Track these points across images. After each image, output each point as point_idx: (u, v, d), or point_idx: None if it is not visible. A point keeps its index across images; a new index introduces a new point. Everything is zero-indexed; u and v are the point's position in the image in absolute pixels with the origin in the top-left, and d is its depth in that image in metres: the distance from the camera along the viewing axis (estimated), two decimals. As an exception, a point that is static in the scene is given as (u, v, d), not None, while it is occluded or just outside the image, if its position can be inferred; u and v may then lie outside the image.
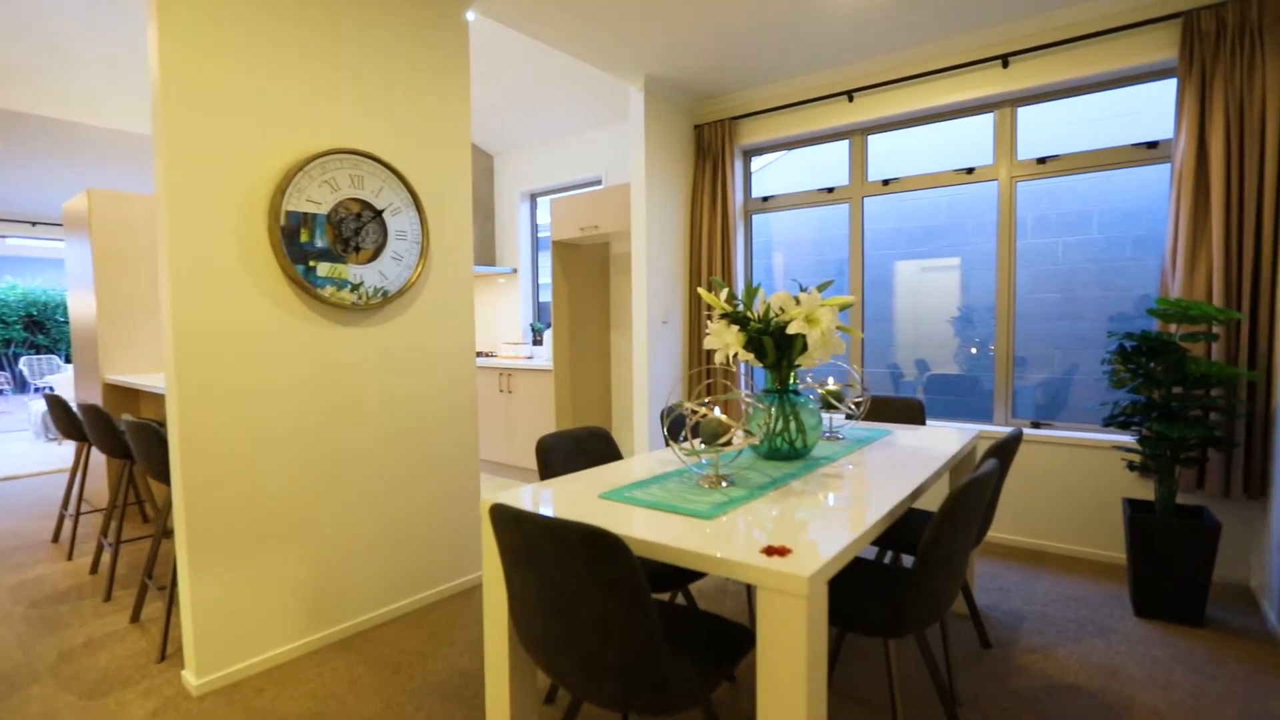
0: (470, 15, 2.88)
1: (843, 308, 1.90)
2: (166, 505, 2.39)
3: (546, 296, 5.48)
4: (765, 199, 4.19)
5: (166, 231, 1.91)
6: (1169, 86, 2.90)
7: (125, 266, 3.75)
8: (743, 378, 4.23)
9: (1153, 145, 2.95)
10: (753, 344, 1.95)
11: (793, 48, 3.37)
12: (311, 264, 2.20)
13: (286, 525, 2.20)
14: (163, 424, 2.32)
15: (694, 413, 1.82)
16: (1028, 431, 3.25)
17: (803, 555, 1.17)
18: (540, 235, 5.51)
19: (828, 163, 4.05)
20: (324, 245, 2.23)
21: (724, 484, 1.68)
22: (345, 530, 2.36)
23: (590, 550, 1.06)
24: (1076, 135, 3.17)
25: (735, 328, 1.95)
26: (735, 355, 1.96)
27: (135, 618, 2.54)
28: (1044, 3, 2.91)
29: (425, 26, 2.55)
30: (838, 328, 1.94)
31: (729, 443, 1.67)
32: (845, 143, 3.87)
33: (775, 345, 1.95)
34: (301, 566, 2.24)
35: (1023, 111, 3.28)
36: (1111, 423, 2.50)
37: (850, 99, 3.65)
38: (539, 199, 5.48)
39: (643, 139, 3.82)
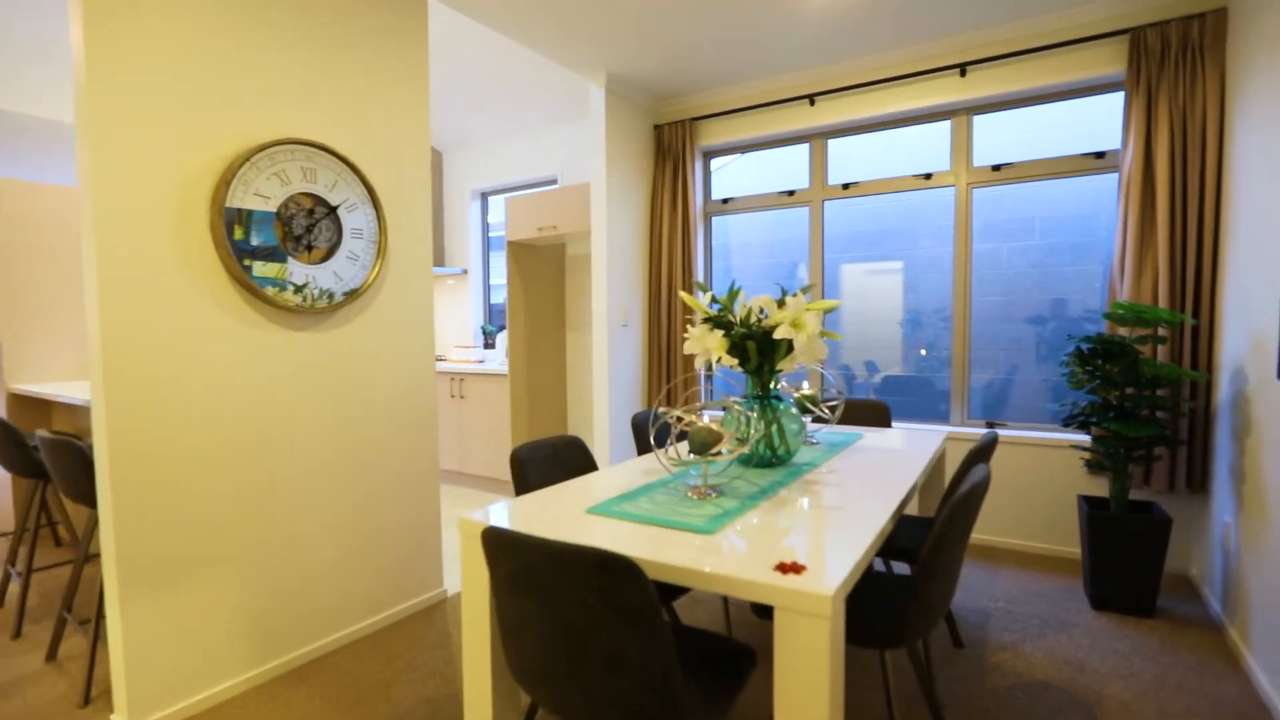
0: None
1: (827, 311, 1.87)
2: (89, 529, 2.15)
3: (498, 298, 5.31)
4: (725, 201, 4.18)
5: (92, 227, 1.71)
6: (1117, 99, 3.03)
7: (33, 264, 3.40)
8: (703, 383, 4.20)
9: (1100, 155, 3.07)
10: (735, 349, 1.91)
11: (756, 50, 3.36)
12: (258, 263, 2.02)
13: (230, 547, 2.01)
14: (82, 438, 2.09)
15: (679, 420, 1.76)
16: (974, 431, 3.34)
17: (819, 571, 1.12)
18: (492, 235, 5.35)
19: (782, 165, 4.07)
20: (273, 243, 2.05)
21: (710, 494, 1.63)
22: (295, 550, 2.18)
23: (603, 576, 0.97)
24: (1028, 144, 3.28)
25: (718, 332, 1.89)
26: (718, 360, 1.90)
27: (52, 656, 2.28)
28: (1000, 15, 2.99)
29: (383, 12, 2.39)
30: (820, 332, 1.91)
31: (719, 452, 1.61)
32: (805, 146, 3.89)
33: (758, 350, 1.91)
34: (247, 591, 2.06)
35: (978, 120, 3.37)
36: (1071, 422, 2.58)
37: (812, 103, 3.67)
38: (490, 198, 5.31)
39: (603, 138, 3.74)
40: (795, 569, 1.12)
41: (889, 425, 2.88)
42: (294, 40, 2.12)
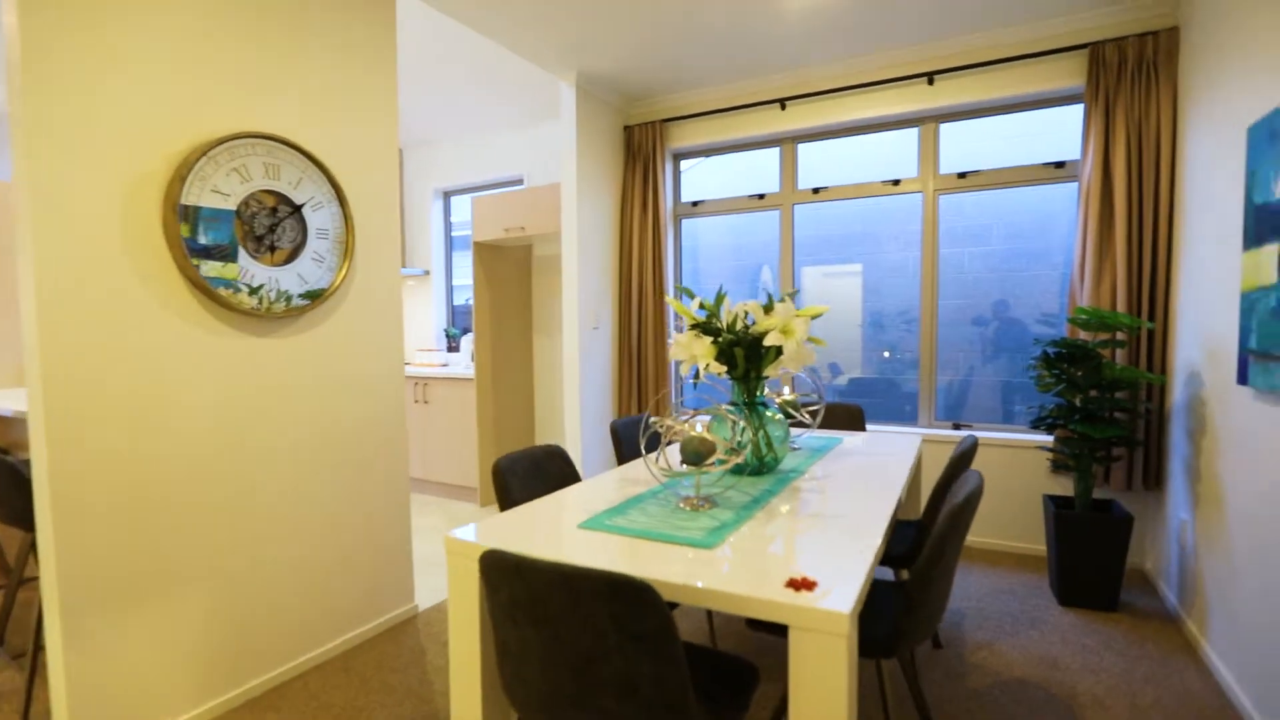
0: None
1: (815, 317, 1.87)
2: (23, 553, 1.97)
3: (461, 300, 5.18)
4: (695, 203, 4.17)
5: (30, 226, 1.56)
6: (1077, 111, 3.14)
7: (-46, 261, 3.13)
8: (673, 387, 4.18)
9: (1060, 165, 3.17)
10: (723, 355, 1.88)
11: (727, 53, 3.35)
12: (214, 263, 1.89)
13: (186, 568, 1.87)
14: (11, 453, 1.92)
15: (669, 429, 1.72)
16: (948, 433, 3.42)
17: (831, 587, 1.09)
18: (454, 234, 5.21)
19: (747, 167, 4.07)
20: (230, 242, 1.92)
21: (703, 505, 1.59)
22: (257, 570, 2.05)
23: (618, 602, 0.92)
24: (993, 152, 3.36)
25: (707, 339, 1.86)
26: (705, 367, 1.87)
27: (-19, 691, 2.09)
28: (967, 26, 3.06)
29: (349, 2, 2.28)
30: (807, 338, 1.90)
31: (713, 462, 1.58)
32: (776, 150, 3.91)
33: (745, 356, 1.89)
34: (207, 615, 1.92)
35: (945, 127, 3.44)
36: (1040, 424, 2.65)
37: (783, 107, 3.68)
38: (453, 197, 5.17)
39: (574, 138, 3.68)
40: (807, 585, 1.10)
41: (863, 428, 2.91)
42: (254, 27, 2.00)
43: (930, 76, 3.29)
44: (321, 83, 2.20)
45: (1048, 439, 3.15)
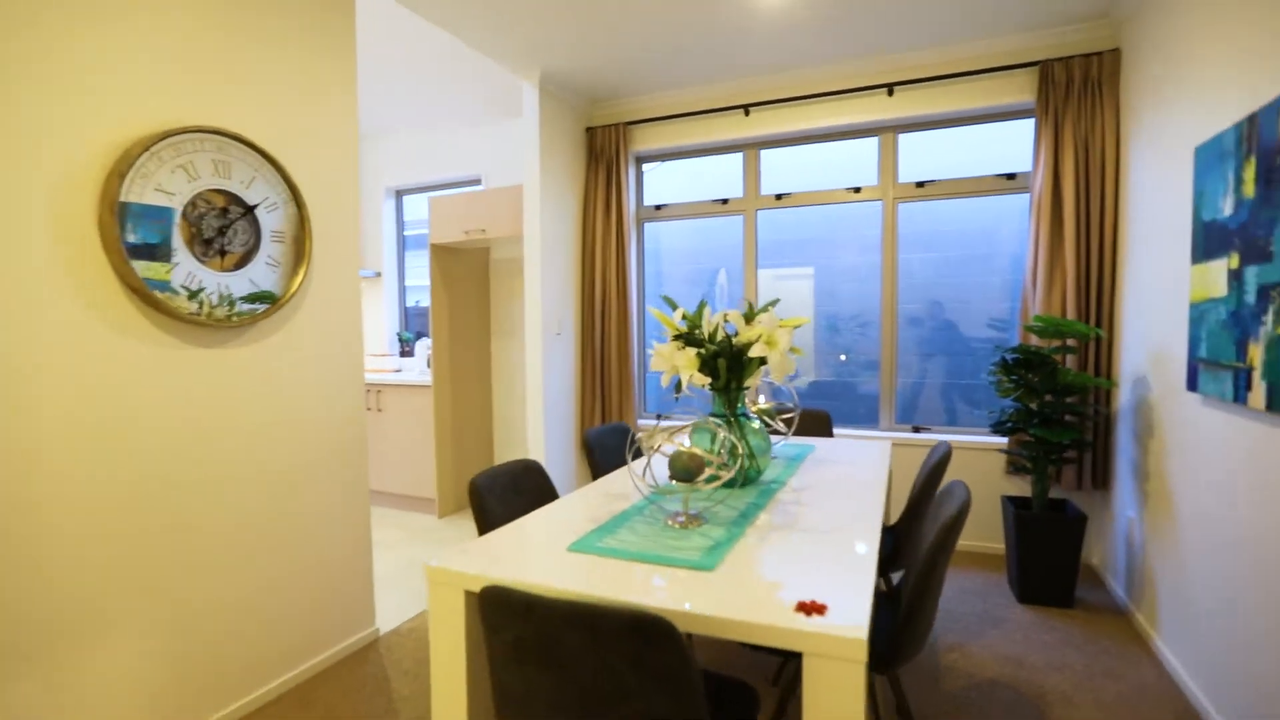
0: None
1: (797, 327, 1.86)
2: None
3: (413, 302, 5.00)
4: (658, 207, 4.14)
5: (-56, 225, 1.39)
6: (1029, 125, 3.26)
7: None
8: (637, 393, 4.13)
9: (1011, 176, 3.29)
10: (705, 366, 1.85)
11: (692, 57, 3.34)
12: (155, 265, 1.74)
13: (122, 604, 1.71)
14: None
15: (654, 443, 1.68)
16: (908, 436, 3.50)
17: (842, 610, 1.07)
18: (406, 234, 5.02)
19: (707, 171, 4.07)
20: (169, 244, 1.77)
21: (686, 520, 1.56)
22: (204, 600, 1.90)
23: (638, 641, 0.88)
24: (953, 162, 3.46)
25: (690, 350, 1.83)
26: (689, 379, 1.84)
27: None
28: (926, 40, 3.13)
29: (303, -11, 2.14)
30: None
31: (707, 479, 1.54)
32: (739, 155, 3.92)
33: (728, 367, 1.87)
34: (145, 654, 1.76)
35: (903, 137, 3.52)
36: (1000, 429, 2.74)
37: (747, 113, 3.69)
38: (406, 196, 4.99)
39: (537, 139, 3.59)
40: (818, 609, 1.07)
41: (831, 433, 2.94)
42: (203, 11, 1.85)
43: (890, 88, 3.36)
44: (275, 72, 2.06)
45: (1003, 441, 3.26)
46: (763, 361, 1.88)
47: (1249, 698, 1.70)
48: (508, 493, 1.83)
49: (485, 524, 1.70)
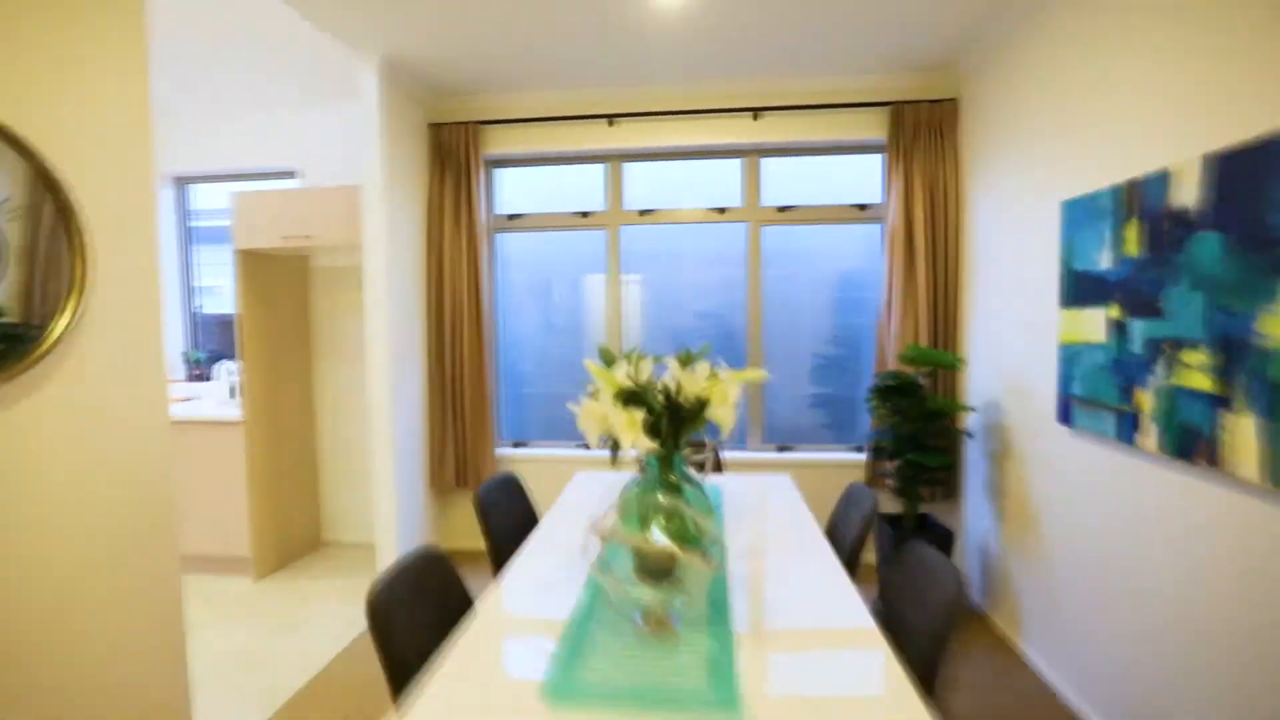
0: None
1: (754, 381, 1.69)
2: None
3: (208, 311, 4.04)
4: (512, 217, 3.77)
5: None
6: (879, 159, 3.47)
7: None
8: (494, 419, 3.73)
9: (864, 208, 3.49)
10: (651, 428, 1.61)
11: (555, 58, 3.05)
12: None
13: None
14: None
15: (600, 536, 1.41)
16: (774, 455, 3.56)
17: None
18: (192, 225, 4.04)
19: (571, 179, 3.80)
20: None
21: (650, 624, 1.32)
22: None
23: None
24: (817, 189, 3.57)
25: (636, 411, 1.57)
26: (633, 444, 1.58)
27: None
28: (789, 69, 3.18)
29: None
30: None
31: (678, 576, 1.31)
32: (602, 167, 3.70)
33: (671, 426, 1.64)
34: None
35: (766, 161, 3.56)
36: (880, 455, 2.86)
37: (611, 123, 3.49)
38: (191, 186, 4.00)
39: (377, 133, 3.04)
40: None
41: (720, 468, 2.86)
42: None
43: (755, 112, 3.37)
44: (30, 33, 1.39)
45: (860, 457, 3.44)
46: (704, 417, 1.69)
47: (1110, 687, 1.90)
48: (414, 602, 1.42)
49: (390, 656, 1.29)
